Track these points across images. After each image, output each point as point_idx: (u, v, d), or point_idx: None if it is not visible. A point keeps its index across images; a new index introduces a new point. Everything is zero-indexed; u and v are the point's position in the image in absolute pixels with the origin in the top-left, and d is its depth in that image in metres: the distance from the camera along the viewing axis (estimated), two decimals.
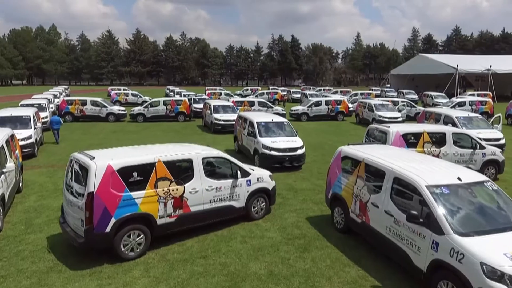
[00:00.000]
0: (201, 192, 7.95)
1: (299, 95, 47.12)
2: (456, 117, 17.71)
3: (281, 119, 15.70)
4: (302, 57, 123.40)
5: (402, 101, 30.86)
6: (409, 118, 28.81)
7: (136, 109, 28.81)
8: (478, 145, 12.51)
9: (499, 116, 18.72)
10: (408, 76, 63.18)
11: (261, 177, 9.17)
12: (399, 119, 25.18)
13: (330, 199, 8.99)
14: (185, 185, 7.74)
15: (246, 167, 9.02)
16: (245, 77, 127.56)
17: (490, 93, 46.24)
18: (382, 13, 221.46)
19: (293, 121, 28.74)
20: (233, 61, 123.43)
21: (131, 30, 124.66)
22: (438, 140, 12.24)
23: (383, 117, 25.11)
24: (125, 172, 7.03)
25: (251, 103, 28.99)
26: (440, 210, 5.91)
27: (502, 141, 16.58)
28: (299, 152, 14.09)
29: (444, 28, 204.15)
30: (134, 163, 7.19)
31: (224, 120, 22.87)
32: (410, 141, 12.04)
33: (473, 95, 44.68)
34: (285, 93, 53.33)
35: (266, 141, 14.11)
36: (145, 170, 7.28)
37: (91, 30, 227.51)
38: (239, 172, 8.51)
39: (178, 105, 28.92)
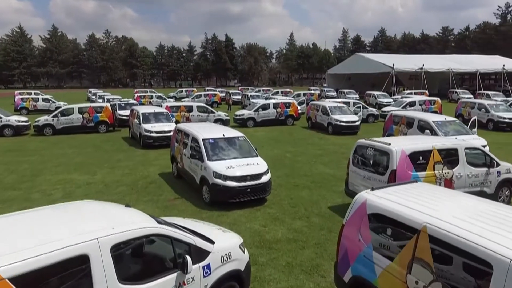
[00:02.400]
0: None
1: (239, 97, 43.31)
2: (433, 121, 15.35)
3: (234, 133, 11.79)
4: (237, 57, 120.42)
5: (354, 102, 28.70)
6: (361, 121, 26.54)
7: (42, 119, 22.81)
8: (492, 162, 9.80)
9: (475, 119, 16.82)
10: (346, 75, 62.93)
11: (227, 253, 5.19)
12: (356, 123, 22.67)
13: (348, 285, 5.29)
14: None
15: (201, 242, 4.94)
16: (178, 78, 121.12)
17: (426, 91, 46.84)
18: (310, 15, 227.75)
19: (238, 128, 25.00)
20: (164, 61, 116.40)
21: (50, 28, 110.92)
22: (450, 159, 9.29)
23: (340, 121, 22.42)
24: None
25: (189, 109, 24.63)
26: None
27: (487, 149, 14.42)
28: (264, 179, 10.33)
29: (369, 30, 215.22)
30: None
31: (156, 132, 18.33)
32: (418, 162, 8.91)
33: (411, 93, 44.79)
34: (224, 94, 49.38)
35: (218, 166, 10.15)
36: None
37: (1, 27, 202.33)
38: (188, 260, 4.43)
39: (98, 112, 23.57)
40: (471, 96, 47.97)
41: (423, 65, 52.14)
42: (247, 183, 10.02)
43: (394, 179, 8.59)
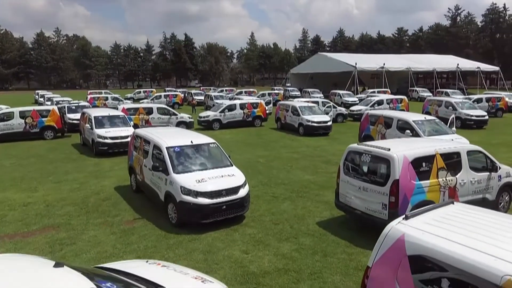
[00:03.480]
0: None
1: (201, 97, 41.23)
2: (413, 121, 14.52)
3: (204, 139, 10.11)
4: (197, 56, 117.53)
5: (323, 102, 27.83)
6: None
7: None
8: (494, 165, 8.87)
9: (454, 118, 16.24)
10: (308, 75, 62.63)
11: None
12: (328, 124, 21.66)
13: None
14: None
15: None
16: (136, 78, 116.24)
17: (388, 90, 47.30)
18: (269, 16, 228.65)
19: (203, 131, 23.25)
20: (120, 61, 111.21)
21: None
22: (453, 164, 8.22)
23: (312, 121, 21.30)
24: None
25: (149, 111, 22.50)
26: None
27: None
28: (242, 193, 8.77)
29: (328, 30, 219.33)
30: None
31: (111, 138, 16.20)
32: (421, 169, 7.74)
33: (374, 92, 44.97)
34: (184, 94, 47.09)
35: (187, 180, 8.47)
36: None
37: None
38: None
39: (44, 116, 20.87)
40: (431, 94, 49.18)
41: (383, 64, 52.71)
42: (222, 199, 8.42)
43: (397, 190, 7.37)
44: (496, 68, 60.18)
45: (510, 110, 31.35)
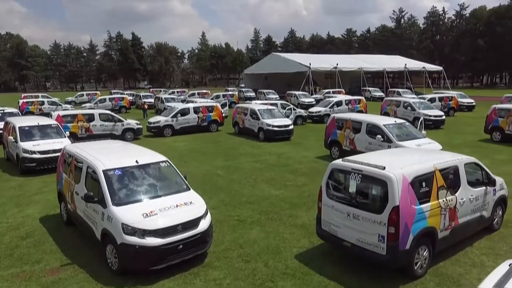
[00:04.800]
0: None
1: (151, 100, 38.28)
2: (384, 125, 13.53)
3: (153, 156, 8.13)
4: (146, 57, 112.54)
5: (282, 104, 26.56)
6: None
7: None
8: (491, 179, 7.85)
9: (422, 120, 15.55)
10: (263, 75, 61.60)
11: None
12: (290, 128, 20.33)
13: None
14: None
15: None
16: (79, 80, 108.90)
17: (343, 90, 47.38)
18: (220, 16, 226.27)
19: (153, 138, 21.03)
20: (61, 61, 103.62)
21: None
22: (452, 180, 7.03)
23: (272, 126, 19.86)
24: None
25: (89, 117, 19.80)
26: None
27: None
28: (203, 225, 6.98)
29: (279, 31, 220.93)
30: None
31: (41, 152, 13.59)
32: (422, 190, 6.44)
33: (329, 92, 44.76)
34: (133, 97, 43.85)
35: (131, 214, 6.53)
36: None
37: None
38: None
39: None
40: (383, 94, 50.06)
41: (337, 64, 52.92)
42: (178, 236, 6.58)
43: (397, 219, 5.99)
44: (440, 68, 62.89)
45: (460, 109, 32.12)
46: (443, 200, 6.69)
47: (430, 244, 6.56)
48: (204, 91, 49.45)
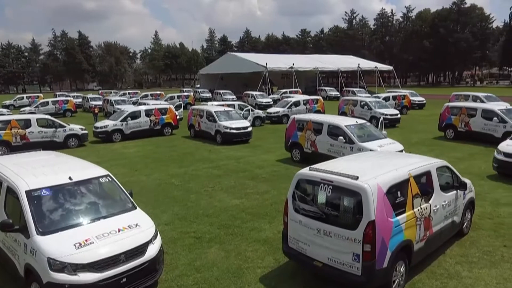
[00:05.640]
0: None
1: (99, 102, 35.75)
2: (346, 126, 13.10)
3: (92, 171, 6.88)
4: (95, 57, 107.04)
5: (240, 105, 25.70)
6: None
7: None
8: (462, 182, 7.49)
9: (382, 120, 15.36)
10: (219, 75, 60.49)
11: None
12: (248, 130, 19.51)
13: None
14: None
15: None
16: (21, 82, 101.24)
17: (299, 90, 47.46)
18: (173, 15, 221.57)
19: (100, 145, 19.34)
20: None
21: None
22: (425, 187, 6.53)
23: (230, 128, 18.93)
24: None
25: (26, 123, 17.73)
26: None
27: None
28: (151, 252, 5.89)
29: (234, 31, 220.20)
30: None
31: None
32: (397, 200, 5.84)
33: (286, 92, 44.61)
34: (81, 99, 40.92)
35: (60, 244, 5.34)
36: None
37: None
38: None
39: None
40: (338, 93, 50.81)
41: (293, 64, 53.02)
42: (121, 268, 5.48)
43: (373, 234, 5.32)
44: (390, 68, 65.15)
45: (412, 107, 33.04)
46: (418, 209, 6.16)
47: (407, 258, 5.99)
48: (158, 92, 47.49)
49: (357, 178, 5.55)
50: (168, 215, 9.40)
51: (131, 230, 5.92)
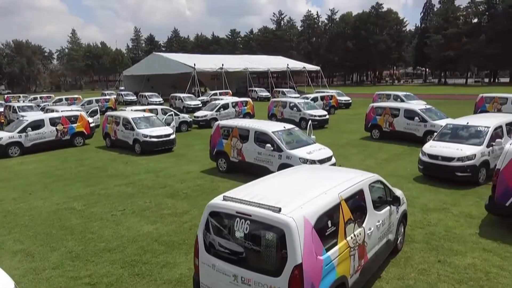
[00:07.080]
0: None
1: (1, 109, 31.09)
2: (273, 132, 12.20)
3: None
4: (2, 57, 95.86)
5: (163, 109, 23.75)
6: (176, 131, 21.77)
7: None
8: (395, 197, 6.79)
9: (311, 124, 14.72)
10: (145, 76, 57.18)
11: None
12: (171, 137, 17.81)
13: None
14: None
15: None
16: None
17: (230, 91, 46.44)
18: (95, 13, 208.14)
19: None
20: None
21: None
22: (358, 208, 5.64)
23: (150, 136, 17.09)
24: None
25: None
26: None
27: (333, 160, 12.22)
28: None
29: (162, 30, 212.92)
30: None
31: None
32: (327, 232, 4.82)
33: (216, 94, 43.30)
34: None
35: None
36: None
37: None
38: None
39: None
40: (269, 94, 50.66)
41: (222, 65, 51.78)
42: None
43: (301, 281, 4.23)
44: (318, 68, 66.96)
45: (339, 107, 33.67)
46: (351, 237, 5.24)
47: None
48: (75, 96, 43.21)
49: (279, 210, 4.43)
50: (58, 254, 7.56)
51: None
